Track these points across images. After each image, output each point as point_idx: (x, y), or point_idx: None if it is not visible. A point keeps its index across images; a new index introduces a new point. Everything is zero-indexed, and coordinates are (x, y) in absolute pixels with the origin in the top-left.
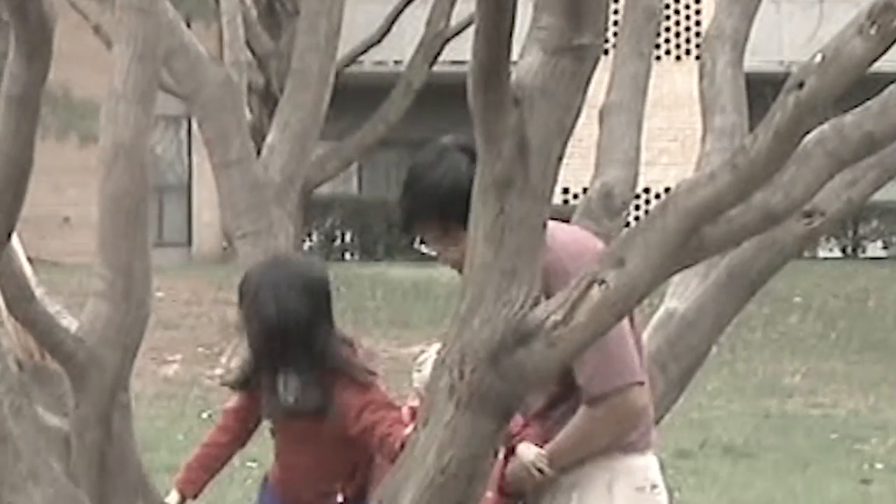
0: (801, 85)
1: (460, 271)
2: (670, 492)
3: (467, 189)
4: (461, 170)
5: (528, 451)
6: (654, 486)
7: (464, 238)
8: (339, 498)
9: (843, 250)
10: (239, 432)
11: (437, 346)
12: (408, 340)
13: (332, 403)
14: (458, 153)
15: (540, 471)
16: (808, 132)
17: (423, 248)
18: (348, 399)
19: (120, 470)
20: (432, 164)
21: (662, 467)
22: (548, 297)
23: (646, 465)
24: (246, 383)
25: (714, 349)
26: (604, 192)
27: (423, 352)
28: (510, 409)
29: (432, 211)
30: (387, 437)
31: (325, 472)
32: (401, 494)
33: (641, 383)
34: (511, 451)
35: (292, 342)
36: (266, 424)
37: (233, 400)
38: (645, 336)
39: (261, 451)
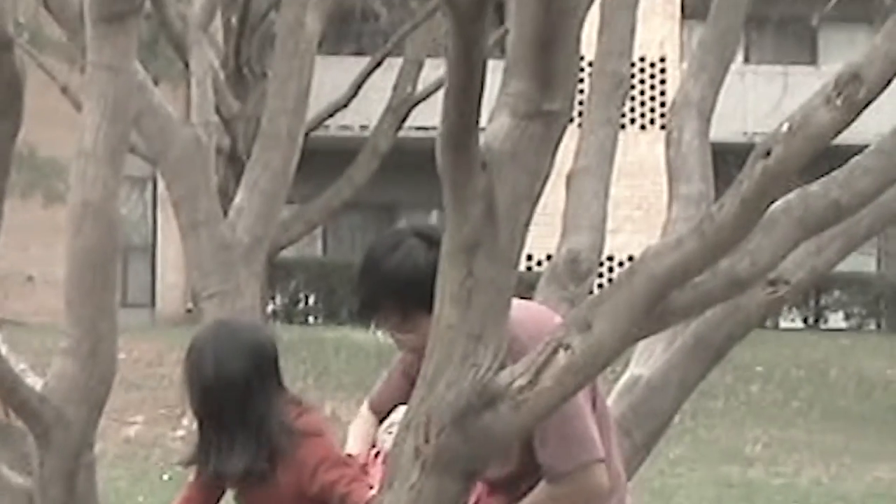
0: (768, 153)
1: (420, 357)
2: None
3: (426, 274)
4: (419, 255)
5: None
6: None
7: (424, 324)
8: None
9: (805, 320)
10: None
11: (404, 409)
12: None
13: (278, 468)
14: (415, 239)
15: None
16: (774, 200)
17: (381, 333)
18: (302, 458)
19: None
20: (389, 250)
21: None
22: None
23: None
24: (197, 457)
25: (676, 417)
26: (570, 257)
27: (392, 414)
28: (475, 471)
29: (391, 297)
30: (347, 496)
31: None
32: None
33: (602, 460)
34: None
35: (231, 405)
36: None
37: (195, 472)
38: (609, 402)
39: None
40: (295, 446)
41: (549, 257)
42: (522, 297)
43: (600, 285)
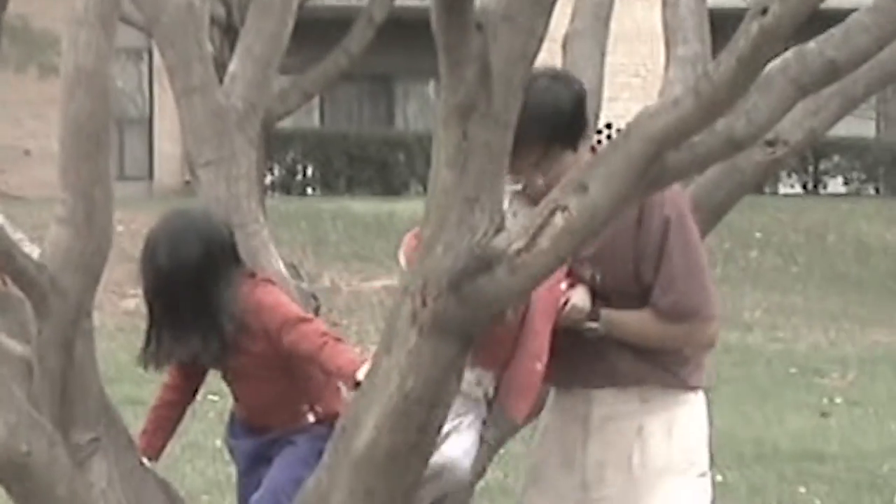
0: (764, 11)
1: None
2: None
3: (568, 108)
4: (560, 90)
5: (583, 302)
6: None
7: (563, 161)
8: (311, 418)
9: (804, 186)
10: (186, 387)
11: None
12: (369, 274)
13: (245, 342)
14: (547, 79)
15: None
16: (770, 59)
17: (510, 184)
18: (264, 327)
19: (82, 396)
20: (530, 89)
21: None
22: None
23: (701, 407)
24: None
25: None
26: None
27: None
28: (472, 334)
29: (533, 131)
30: (317, 353)
31: (282, 399)
32: (363, 420)
33: (716, 319)
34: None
35: (185, 291)
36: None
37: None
38: None
39: (222, 384)
40: (254, 319)
41: None
42: None
43: None
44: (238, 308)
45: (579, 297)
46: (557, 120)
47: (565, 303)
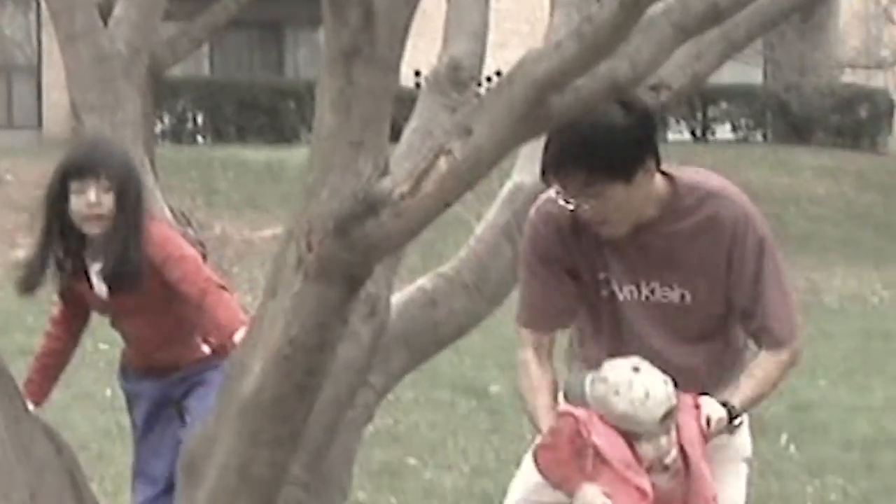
0: None
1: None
2: None
3: (620, 139)
4: (616, 118)
5: (718, 410)
6: None
7: (608, 193)
8: (206, 349)
9: (693, 133)
10: (68, 336)
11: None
12: (260, 223)
13: (142, 278)
14: (614, 104)
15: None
16: (652, 2)
17: (560, 199)
18: (150, 258)
19: None
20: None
21: (512, 345)
22: None
23: None
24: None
25: None
26: (452, 64)
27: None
28: (358, 279)
29: (580, 157)
30: (198, 297)
31: (174, 333)
32: (249, 365)
33: None
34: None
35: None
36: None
37: (55, 306)
38: (493, 209)
39: (111, 334)
40: (147, 252)
41: None
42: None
43: None
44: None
45: (713, 409)
46: (603, 150)
47: (707, 423)
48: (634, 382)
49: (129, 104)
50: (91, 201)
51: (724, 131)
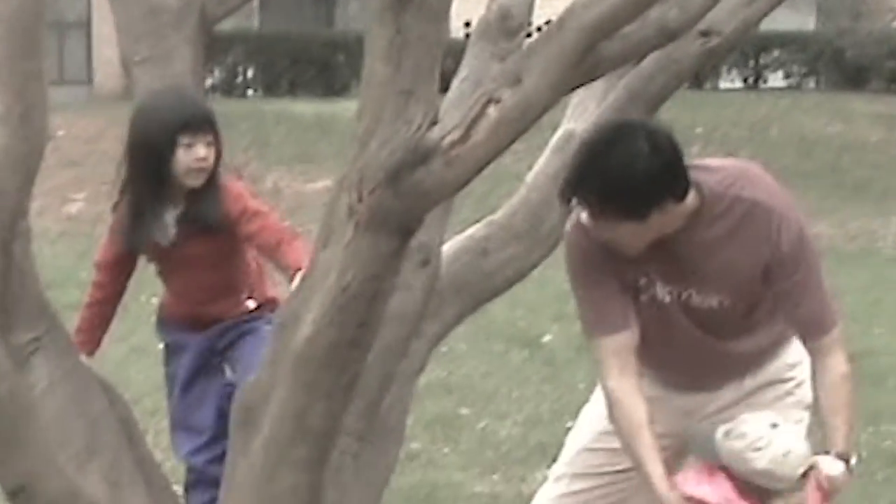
0: None
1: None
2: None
3: (637, 183)
4: (639, 161)
5: (836, 467)
6: None
7: (617, 226)
8: (252, 304)
9: (745, 80)
10: (115, 286)
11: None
12: (312, 176)
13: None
14: (643, 140)
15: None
16: None
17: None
18: (227, 211)
19: (21, 297)
20: (610, 144)
21: (565, 296)
22: None
23: None
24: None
25: None
26: (501, 13)
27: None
28: (409, 228)
29: (592, 192)
30: (276, 246)
31: (226, 286)
32: (302, 315)
33: None
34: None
35: (147, 165)
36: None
37: (102, 254)
38: (544, 157)
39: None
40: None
41: None
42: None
43: None
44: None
45: (832, 467)
46: (617, 191)
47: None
48: (774, 439)
49: (180, 57)
50: (201, 156)
51: (776, 79)
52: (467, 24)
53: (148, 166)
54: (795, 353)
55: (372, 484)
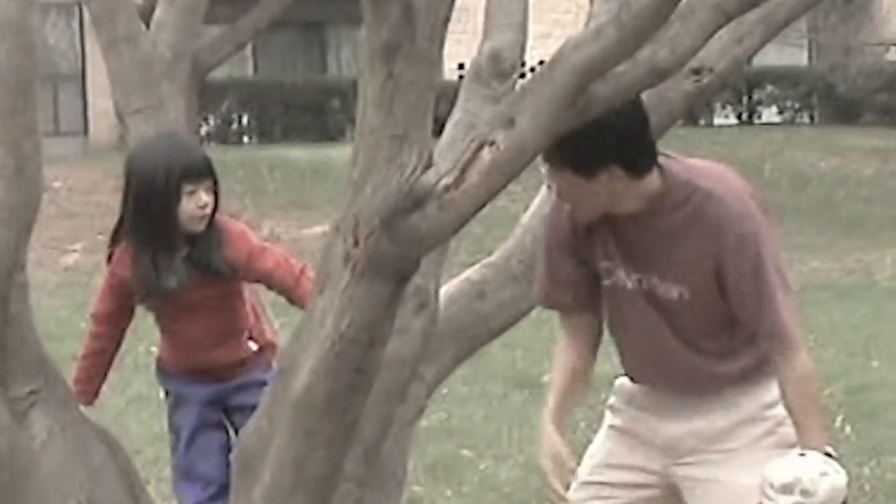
0: None
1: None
2: None
3: (592, 133)
4: (601, 116)
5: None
6: None
7: (567, 181)
8: (254, 346)
9: (739, 116)
10: (112, 335)
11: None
12: (308, 221)
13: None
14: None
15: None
16: None
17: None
18: (233, 252)
19: (19, 350)
20: None
21: None
22: None
23: None
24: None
25: None
26: (492, 55)
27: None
28: (406, 272)
29: (554, 143)
30: (295, 280)
31: (227, 327)
32: (300, 362)
33: None
34: None
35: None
36: (141, 315)
37: (99, 305)
38: (539, 198)
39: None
40: (221, 243)
41: None
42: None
43: None
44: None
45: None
46: (570, 144)
47: None
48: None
49: (174, 107)
50: (203, 202)
51: (770, 114)
52: (460, 66)
53: (154, 214)
54: (773, 392)
55: None
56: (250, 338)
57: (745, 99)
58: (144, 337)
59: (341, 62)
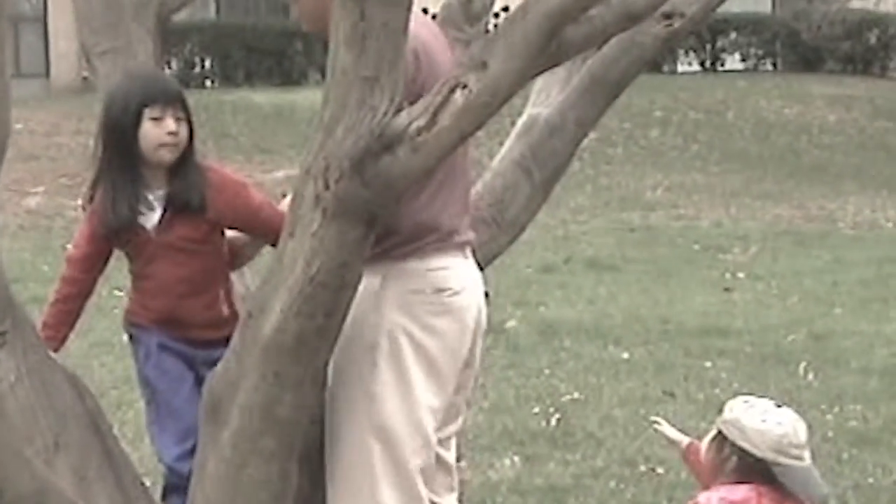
0: None
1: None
2: (537, 305)
3: None
4: None
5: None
6: (439, 290)
7: None
8: (225, 310)
9: (702, 64)
10: (87, 281)
11: None
12: (271, 166)
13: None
14: None
15: None
16: None
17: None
18: (214, 193)
19: None
20: None
21: (528, 282)
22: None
23: (425, 269)
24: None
25: (577, 165)
26: None
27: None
28: (376, 216)
29: None
30: (276, 219)
31: (205, 278)
32: (270, 304)
33: None
34: None
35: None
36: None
37: (75, 249)
38: (508, 142)
39: (126, 280)
40: (206, 181)
41: None
42: None
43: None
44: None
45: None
46: None
47: None
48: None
49: (141, 48)
50: (172, 129)
51: (733, 61)
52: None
53: (118, 144)
54: None
55: None
56: (226, 296)
57: (708, 46)
58: (107, 280)
59: None
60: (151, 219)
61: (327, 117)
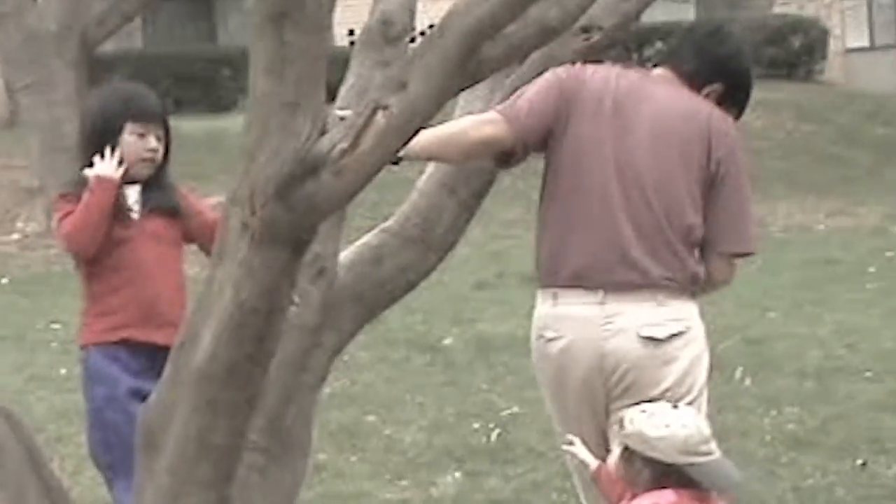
0: None
1: None
2: (472, 321)
3: None
4: None
5: None
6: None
7: None
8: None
9: None
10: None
11: None
12: (203, 193)
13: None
14: None
15: None
16: None
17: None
18: (182, 199)
19: None
20: None
21: (463, 298)
22: None
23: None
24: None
25: (507, 180)
26: (383, 20)
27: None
28: (303, 240)
29: None
30: None
31: (179, 271)
32: (201, 334)
33: None
34: None
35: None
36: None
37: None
38: (433, 163)
39: (63, 314)
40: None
41: None
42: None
43: None
44: None
45: None
46: None
47: None
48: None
49: (63, 82)
50: (152, 146)
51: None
52: (351, 33)
53: (97, 148)
54: None
55: (281, 498)
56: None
57: (634, 56)
58: (43, 315)
59: (231, 31)
60: (133, 206)
61: (250, 143)
